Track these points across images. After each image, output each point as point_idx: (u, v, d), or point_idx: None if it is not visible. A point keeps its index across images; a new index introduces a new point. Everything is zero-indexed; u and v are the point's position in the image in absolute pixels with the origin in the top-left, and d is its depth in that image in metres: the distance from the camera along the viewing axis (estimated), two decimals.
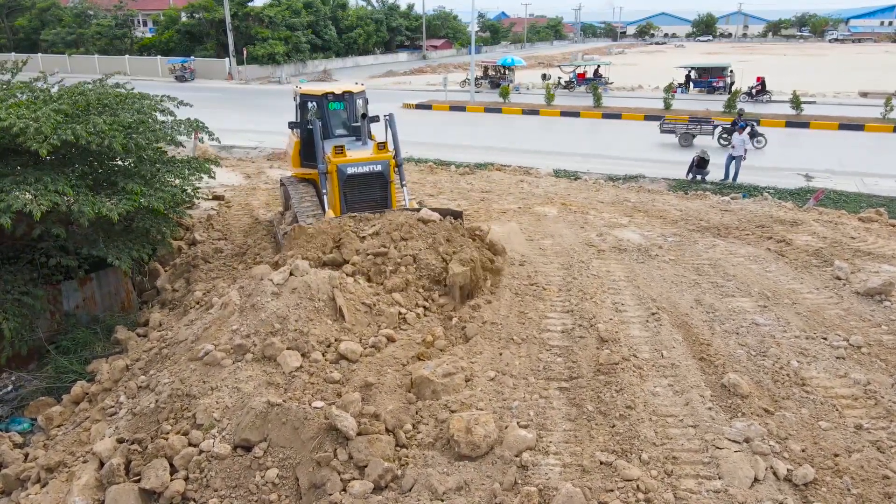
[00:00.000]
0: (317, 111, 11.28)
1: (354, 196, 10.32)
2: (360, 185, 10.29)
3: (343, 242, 8.80)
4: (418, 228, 9.02)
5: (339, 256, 8.66)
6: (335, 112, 11.46)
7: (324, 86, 11.73)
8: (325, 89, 11.39)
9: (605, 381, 6.99)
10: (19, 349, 8.88)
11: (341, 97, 11.36)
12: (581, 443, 6.13)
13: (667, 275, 9.85)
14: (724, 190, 15.88)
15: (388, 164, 10.28)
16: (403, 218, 9.11)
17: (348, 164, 10.08)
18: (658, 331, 8.04)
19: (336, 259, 8.63)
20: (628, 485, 5.48)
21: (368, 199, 10.39)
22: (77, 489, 6.41)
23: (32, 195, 8.07)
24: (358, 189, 10.32)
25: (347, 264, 8.54)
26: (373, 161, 10.22)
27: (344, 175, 10.08)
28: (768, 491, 5.39)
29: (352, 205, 10.25)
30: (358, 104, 11.70)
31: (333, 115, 11.45)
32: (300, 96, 11.54)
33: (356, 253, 8.71)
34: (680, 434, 6.16)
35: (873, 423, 6.23)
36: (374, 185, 10.39)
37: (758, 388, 6.85)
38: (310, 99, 11.37)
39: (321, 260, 8.66)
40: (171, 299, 10.31)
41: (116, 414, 7.73)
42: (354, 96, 11.51)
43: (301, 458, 5.85)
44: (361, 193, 10.36)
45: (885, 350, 7.53)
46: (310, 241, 8.91)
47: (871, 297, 8.84)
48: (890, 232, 11.91)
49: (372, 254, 8.58)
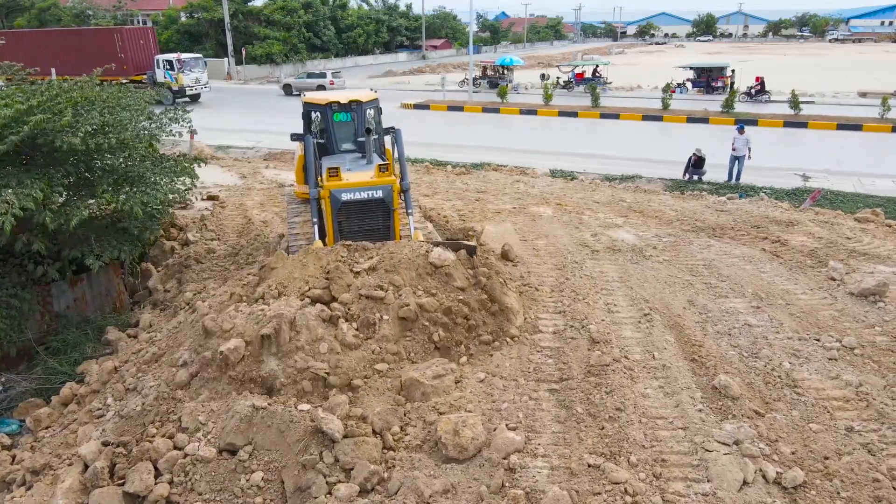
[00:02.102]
0: (321, 123, 10.22)
1: (351, 226, 8.90)
2: (357, 213, 8.82)
3: (332, 277, 7.53)
4: (425, 270, 7.82)
5: (327, 294, 7.41)
6: (341, 124, 10.21)
7: (329, 94, 10.48)
8: (330, 98, 10.17)
9: (595, 383, 6.93)
10: (8, 350, 8.84)
11: (347, 107, 10.08)
12: (570, 445, 6.07)
13: (660, 275, 9.79)
14: (721, 190, 15.81)
15: (390, 190, 8.71)
16: (408, 252, 7.91)
17: (343, 188, 8.60)
18: (650, 332, 7.98)
19: (323, 297, 7.39)
20: (616, 488, 5.42)
21: (367, 229, 8.94)
22: (61, 492, 6.36)
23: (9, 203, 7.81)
24: (355, 218, 8.86)
25: (336, 302, 7.35)
26: (372, 186, 8.67)
27: (338, 202, 8.63)
28: (757, 494, 5.33)
29: (348, 236, 8.84)
30: (368, 115, 10.39)
31: (339, 128, 10.22)
32: (304, 105, 10.42)
33: (347, 289, 7.50)
34: (669, 436, 6.11)
35: (864, 425, 6.17)
36: (373, 213, 8.89)
37: (749, 389, 6.79)
38: (313, 108, 10.22)
39: (305, 295, 7.42)
40: (162, 300, 10.26)
41: (104, 416, 7.67)
42: (363, 106, 10.16)
43: (286, 461, 5.80)
44: (359, 223, 8.91)
45: (878, 351, 7.46)
46: (292, 273, 7.72)
47: (865, 298, 8.77)
48: (886, 232, 11.85)
49: (365, 295, 7.41)
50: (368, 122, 10.32)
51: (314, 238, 8.85)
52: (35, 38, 39.90)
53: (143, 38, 37.45)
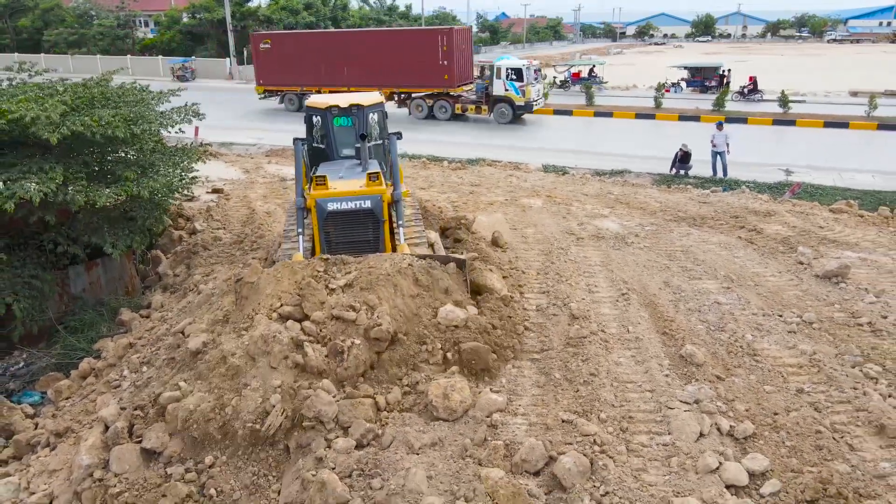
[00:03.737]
0: (321, 127, 9.94)
1: (338, 237, 8.51)
2: (344, 224, 8.43)
3: (305, 294, 7.18)
4: (407, 281, 7.51)
5: (298, 311, 7.11)
6: (342, 129, 9.84)
7: (330, 98, 10.12)
8: (330, 102, 9.78)
9: (573, 353, 7.57)
10: (30, 328, 9.47)
11: (348, 111, 9.69)
12: (547, 405, 6.71)
13: (640, 260, 10.43)
14: (707, 184, 16.43)
15: (379, 200, 8.31)
16: (389, 266, 7.55)
17: (329, 198, 8.23)
18: (626, 309, 8.62)
19: (294, 314, 7.10)
20: (586, 439, 6.05)
21: (355, 241, 8.53)
22: (84, 449, 6.99)
23: (36, 183, 8.63)
24: (342, 229, 8.47)
25: (308, 321, 7.04)
26: (360, 196, 8.26)
27: (324, 212, 8.28)
28: (711, 443, 5.97)
29: (336, 247, 8.48)
30: (371, 119, 9.98)
31: (340, 133, 9.86)
32: (306, 109, 10.14)
33: (321, 306, 7.12)
34: (637, 398, 6.75)
35: (814, 387, 6.80)
36: (361, 224, 8.47)
37: (713, 357, 7.43)
38: (315, 113, 9.92)
39: (276, 312, 7.16)
40: (172, 284, 10.90)
41: (120, 386, 8.34)
42: (365, 110, 9.74)
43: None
44: (346, 234, 8.52)
45: (834, 325, 8.10)
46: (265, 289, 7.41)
47: (828, 280, 9.41)
48: (857, 222, 12.47)
49: (336, 316, 7.02)
50: (371, 127, 9.99)
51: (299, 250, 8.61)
52: (315, 41, 30.66)
53: (465, 41, 29.65)
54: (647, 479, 5.62)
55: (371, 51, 28.70)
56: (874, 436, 6.02)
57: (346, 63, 29.07)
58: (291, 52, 30.09)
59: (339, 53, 29.27)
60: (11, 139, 9.35)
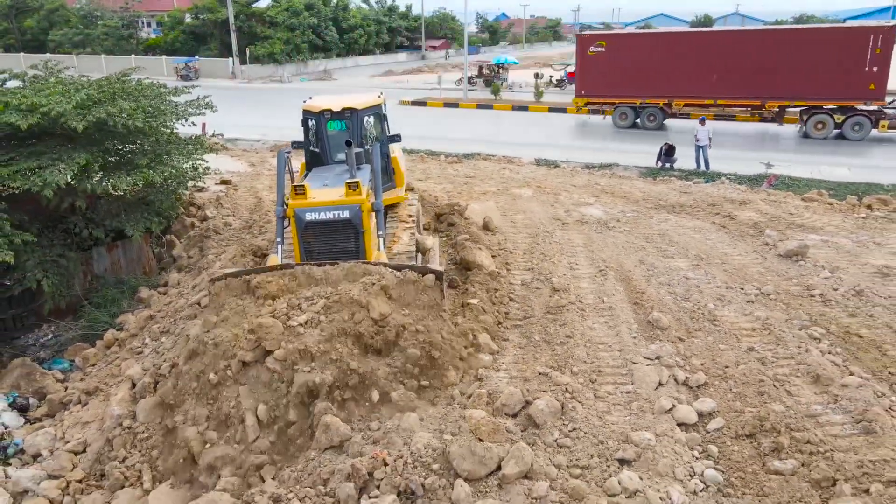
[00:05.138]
0: (315, 131, 9.84)
1: (318, 247, 8.21)
2: (323, 234, 8.13)
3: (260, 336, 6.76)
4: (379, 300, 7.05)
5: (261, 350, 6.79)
6: (336, 133, 9.71)
7: (324, 100, 9.90)
8: (323, 106, 9.62)
9: (552, 319, 8.44)
10: (58, 303, 10.34)
11: (341, 115, 9.51)
12: (526, 362, 7.58)
13: (619, 242, 11.29)
14: (690, 176, 17.27)
15: (358, 210, 7.97)
16: (358, 292, 7.01)
17: (308, 207, 7.95)
18: (603, 283, 9.49)
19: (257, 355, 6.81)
20: (559, 388, 6.90)
21: (335, 250, 8.18)
22: (115, 402, 7.89)
23: (62, 170, 9.49)
24: (321, 239, 8.17)
25: (271, 357, 6.72)
26: (338, 206, 7.97)
27: (302, 222, 8.01)
28: (668, 391, 6.83)
29: (317, 257, 8.16)
30: (367, 123, 9.81)
31: (334, 137, 9.74)
32: (303, 112, 9.93)
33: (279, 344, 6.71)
34: (607, 355, 7.61)
35: (763, 346, 7.66)
36: (341, 234, 8.14)
37: (677, 323, 8.29)
38: (310, 116, 9.83)
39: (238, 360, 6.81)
40: (186, 264, 11.76)
41: (143, 353, 9.22)
42: (359, 114, 9.55)
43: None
44: (325, 244, 8.20)
45: (790, 297, 8.95)
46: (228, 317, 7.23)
47: (789, 258, 10.27)
48: (825, 209, 13.32)
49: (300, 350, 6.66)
50: (367, 131, 9.86)
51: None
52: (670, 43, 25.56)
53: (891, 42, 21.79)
54: (610, 419, 6.47)
55: (758, 53, 23.07)
56: (810, 384, 6.87)
57: (713, 69, 23.71)
58: (633, 57, 25.29)
59: (705, 57, 23.89)
60: (41, 129, 10.21)
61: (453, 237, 10.96)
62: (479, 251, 9.76)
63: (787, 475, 5.59)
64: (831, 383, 6.77)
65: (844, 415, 6.32)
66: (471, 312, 8.34)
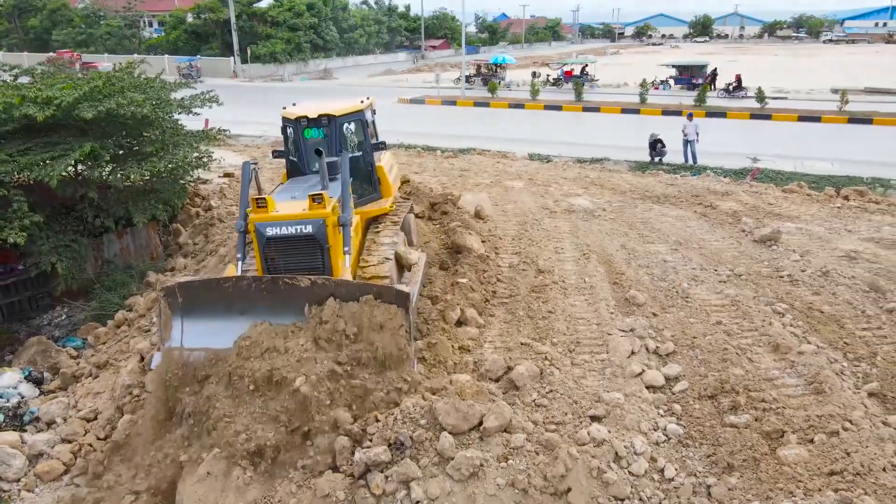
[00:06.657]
0: (293, 140, 9.31)
1: (280, 264, 7.58)
2: (285, 250, 7.53)
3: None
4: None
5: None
6: (314, 141, 9.11)
7: (302, 108, 9.33)
8: (299, 113, 9.01)
9: (536, 297, 9.02)
10: (71, 285, 10.92)
11: (318, 122, 8.89)
12: (511, 335, 8.16)
13: (604, 229, 11.87)
14: (678, 170, 17.85)
15: (321, 225, 7.42)
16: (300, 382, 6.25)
17: (268, 222, 7.37)
18: (585, 266, 10.07)
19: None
20: (539, 356, 7.48)
21: (299, 268, 7.52)
22: (125, 373, 8.45)
23: (73, 163, 10.07)
24: (283, 255, 7.57)
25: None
26: (300, 220, 7.42)
27: (263, 237, 7.44)
28: (639, 359, 7.41)
29: (280, 273, 7.47)
30: (347, 130, 9.25)
31: (311, 146, 9.11)
32: (282, 119, 9.36)
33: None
34: (585, 329, 8.19)
35: (730, 320, 8.24)
36: (304, 250, 7.56)
37: (652, 300, 8.87)
38: (288, 124, 9.30)
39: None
40: (192, 251, 12.34)
41: (150, 331, 9.78)
42: (338, 121, 8.91)
43: None
44: (288, 261, 7.58)
45: (759, 277, 9.53)
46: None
47: (762, 243, 10.85)
48: (804, 200, 13.91)
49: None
50: (348, 139, 9.36)
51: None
52: None
53: None
54: (585, 383, 7.05)
55: None
56: (770, 353, 7.45)
57: None
58: None
59: None
60: (55, 121, 10.80)
61: (446, 224, 11.53)
62: (469, 235, 10.35)
63: (740, 427, 6.17)
64: (789, 351, 7.34)
65: (798, 378, 6.90)
66: (460, 291, 8.92)
